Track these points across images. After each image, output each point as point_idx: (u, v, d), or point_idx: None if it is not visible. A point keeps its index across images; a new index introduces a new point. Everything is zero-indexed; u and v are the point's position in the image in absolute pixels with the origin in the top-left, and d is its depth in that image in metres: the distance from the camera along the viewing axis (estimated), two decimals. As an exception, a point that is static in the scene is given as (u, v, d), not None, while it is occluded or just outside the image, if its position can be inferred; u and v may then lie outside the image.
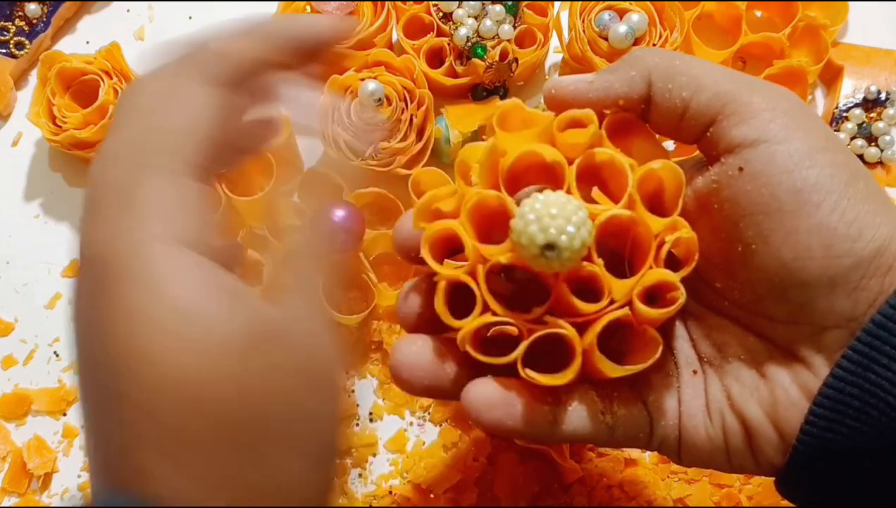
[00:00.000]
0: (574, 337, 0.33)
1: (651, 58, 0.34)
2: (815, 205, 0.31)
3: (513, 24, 0.55)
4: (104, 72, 0.55)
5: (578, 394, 0.34)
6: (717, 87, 0.33)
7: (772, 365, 0.33)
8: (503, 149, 0.34)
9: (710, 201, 0.33)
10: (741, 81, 0.33)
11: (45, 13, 0.59)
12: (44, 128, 0.54)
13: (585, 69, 0.56)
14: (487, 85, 0.56)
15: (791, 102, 0.33)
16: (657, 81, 0.33)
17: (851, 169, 0.32)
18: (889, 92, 0.57)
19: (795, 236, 0.31)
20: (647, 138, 0.35)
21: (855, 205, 0.31)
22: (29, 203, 0.57)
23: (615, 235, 0.34)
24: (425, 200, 0.34)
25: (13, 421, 0.53)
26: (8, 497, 0.51)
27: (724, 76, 0.33)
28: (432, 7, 0.56)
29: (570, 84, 0.34)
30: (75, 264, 0.55)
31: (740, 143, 0.32)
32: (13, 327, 0.54)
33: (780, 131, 0.32)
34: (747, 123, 0.32)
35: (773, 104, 0.32)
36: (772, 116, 0.32)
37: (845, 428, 0.31)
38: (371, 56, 0.55)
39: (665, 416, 0.35)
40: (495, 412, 0.33)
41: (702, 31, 0.58)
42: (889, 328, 0.30)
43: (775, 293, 0.32)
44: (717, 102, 0.33)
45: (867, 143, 0.56)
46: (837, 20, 0.59)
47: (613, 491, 0.52)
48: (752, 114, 0.32)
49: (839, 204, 0.31)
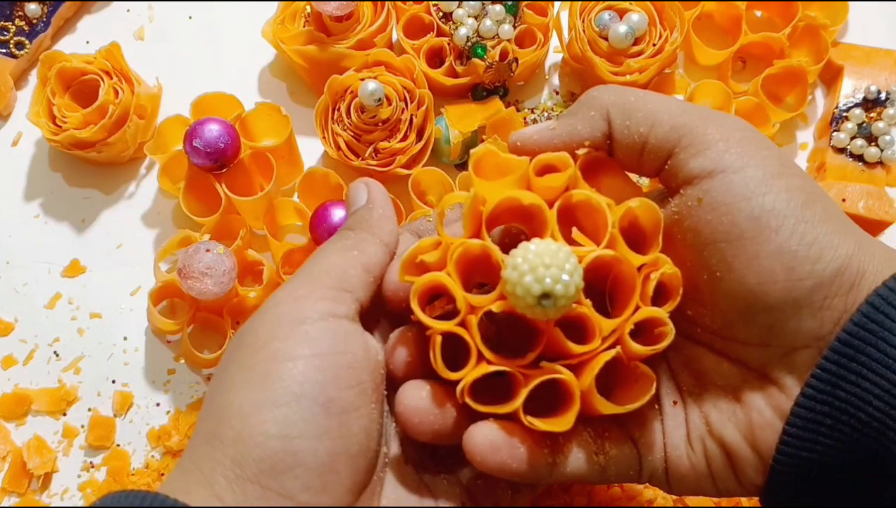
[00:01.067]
0: (573, 382, 0.34)
1: (607, 96, 0.35)
2: (773, 230, 0.31)
3: (513, 23, 0.55)
4: (104, 72, 0.55)
5: (575, 437, 0.35)
6: (673, 120, 0.33)
7: (747, 389, 0.34)
8: (483, 198, 0.34)
9: (674, 231, 0.34)
10: (696, 113, 0.34)
11: (45, 13, 0.59)
12: (44, 128, 0.54)
13: (585, 69, 0.56)
14: (487, 85, 0.56)
15: (745, 131, 0.34)
16: (615, 119, 0.34)
17: (808, 192, 0.32)
18: (889, 92, 0.57)
19: (758, 262, 0.32)
20: (618, 175, 0.36)
21: (813, 227, 0.31)
22: (29, 203, 0.57)
23: (594, 271, 0.34)
24: (409, 254, 0.35)
25: (13, 421, 0.53)
26: (8, 497, 0.51)
27: (680, 109, 0.34)
28: (432, 7, 0.56)
29: (534, 134, 0.35)
30: (75, 263, 0.55)
31: (698, 174, 0.33)
32: (13, 327, 0.54)
33: (735, 161, 0.32)
34: (703, 154, 0.33)
35: (728, 134, 0.33)
36: (726, 145, 0.33)
37: (819, 446, 0.31)
38: (371, 56, 0.55)
39: (652, 451, 0.35)
40: (499, 456, 0.33)
41: (702, 31, 0.58)
42: (855, 346, 0.30)
43: (744, 318, 0.33)
44: (673, 136, 0.33)
45: (867, 143, 0.56)
46: (837, 20, 0.59)
47: (613, 491, 0.52)
48: (708, 145, 0.33)
49: (797, 228, 0.31)
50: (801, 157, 0.59)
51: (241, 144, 0.53)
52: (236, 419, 0.31)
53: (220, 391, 0.33)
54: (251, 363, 0.32)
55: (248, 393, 0.31)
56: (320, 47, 0.55)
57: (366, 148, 0.53)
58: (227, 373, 0.33)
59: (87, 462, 0.52)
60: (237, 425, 0.31)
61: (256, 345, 0.33)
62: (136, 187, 0.57)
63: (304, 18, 0.57)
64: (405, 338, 0.36)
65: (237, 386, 0.32)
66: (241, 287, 0.52)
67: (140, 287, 0.55)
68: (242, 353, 0.33)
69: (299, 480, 0.30)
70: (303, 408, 0.31)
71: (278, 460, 0.30)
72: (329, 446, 0.31)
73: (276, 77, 0.60)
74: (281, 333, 0.32)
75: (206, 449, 0.32)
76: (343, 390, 0.32)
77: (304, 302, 0.33)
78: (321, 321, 0.33)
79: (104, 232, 0.56)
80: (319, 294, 0.34)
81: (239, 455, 0.31)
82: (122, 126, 0.54)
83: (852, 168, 0.56)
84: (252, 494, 0.30)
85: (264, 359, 0.32)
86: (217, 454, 0.31)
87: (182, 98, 0.56)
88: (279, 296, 0.34)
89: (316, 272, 0.35)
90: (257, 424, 0.31)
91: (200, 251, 0.49)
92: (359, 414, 0.32)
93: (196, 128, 0.52)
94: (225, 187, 0.52)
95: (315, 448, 0.31)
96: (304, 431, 0.31)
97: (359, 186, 0.38)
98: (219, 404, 0.32)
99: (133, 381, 0.53)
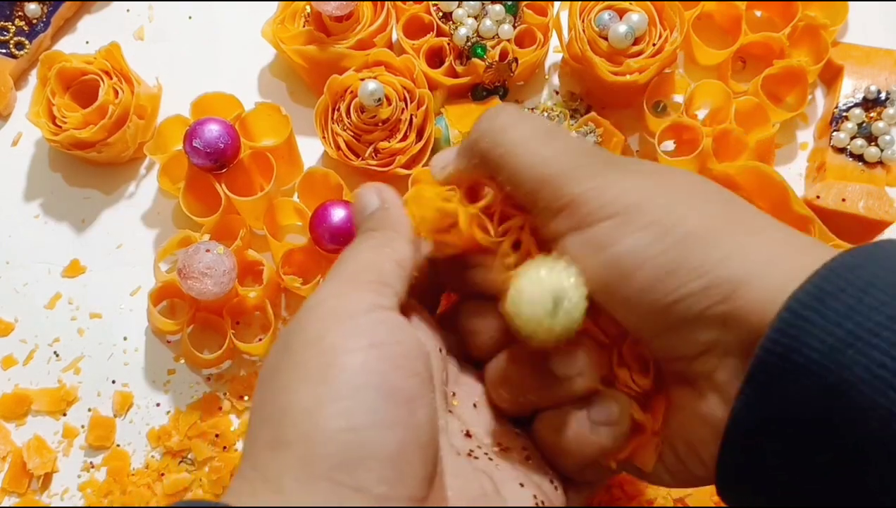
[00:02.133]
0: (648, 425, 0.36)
1: (482, 143, 0.35)
2: (633, 274, 0.32)
3: (513, 23, 0.55)
4: (104, 72, 0.55)
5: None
6: (533, 180, 0.34)
7: (686, 399, 0.34)
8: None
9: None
10: (556, 168, 0.34)
11: (44, 13, 0.59)
12: (44, 128, 0.54)
13: (585, 69, 0.56)
14: (487, 85, 0.56)
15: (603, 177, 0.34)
16: (490, 171, 0.35)
17: (667, 225, 0.32)
18: (889, 92, 0.57)
19: (628, 305, 0.33)
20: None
21: (677, 258, 0.32)
22: (29, 203, 0.57)
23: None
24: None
25: (13, 421, 0.53)
26: (8, 497, 0.51)
27: (543, 163, 0.34)
28: (432, 7, 0.56)
29: (437, 172, 0.38)
30: (75, 263, 0.55)
31: (555, 236, 0.34)
32: (13, 327, 0.54)
33: (585, 218, 0.33)
34: (557, 218, 0.34)
35: (582, 189, 0.33)
36: (578, 204, 0.33)
37: (759, 457, 0.31)
38: (371, 56, 0.55)
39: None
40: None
41: (702, 30, 0.58)
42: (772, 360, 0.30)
43: (649, 341, 0.34)
44: (531, 198, 0.34)
45: (867, 143, 0.56)
46: (837, 20, 0.59)
47: (613, 491, 0.52)
48: (561, 208, 0.33)
49: (659, 265, 0.32)
50: (801, 157, 0.59)
51: (240, 144, 0.53)
52: (300, 418, 0.30)
53: (276, 394, 0.32)
54: (306, 360, 0.31)
55: (309, 390, 0.31)
56: (320, 47, 0.55)
57: (366, 148, 0.53)
58: (279, 375, 0.32)
59: (87, 462, 0.52)
60: (301, 423, 0.30)
61: (308, 342, 0.32)
62: (136, 187, 0.57)
63: (303, 18, 0.57)
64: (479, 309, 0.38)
65: (294, 385, 0.31)
66: (241, 287, 0.52)
67: (140, 287, 0.55)
68: (294, 352, 0.32)
69: (373, 472, 0.30)
70: (368, 399, 0.30)
71: (350, 453, 0.30)
72: (399, 435, 0.30)
73: (275, 77, 0.60)
74: (333, 327, 0.32)
75: (268, 455, 0.30)
76: (405, 378, 0.32)
77: (350, 296, 0.33)
78: (371, 313, 0.33)
79: (104, 232, 0.56)
80: (364, 288, 0.33)
81: (307, 454, 0.30)
82: (122, 126, 0.54)
83: (852, 168, 0.56)
84: (325, 492, 0.29)
85: (320, 354, 0.31)
86: (282, 456, 0.30)
87: (182, 98, 0.56)
88: (321, 295, 0.34)
89: (353, 270, 0.35)
90: (323, 419, 0.30)
91: (200, 251, 0.49)
92: (422, 403, 0.32)
93: (196, 128, 0.52)
94: (225, 187, 0.52)
95: (385, 438, 0.30)
96: (372, 422, 0.30)
97: (369, 191, 0.38)
98: (277, 406, 0.31)
99: (133, 381, 0.53)
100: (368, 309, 0.33)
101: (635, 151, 0.58)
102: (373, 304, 0.33)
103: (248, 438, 0.32)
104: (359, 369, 0.31)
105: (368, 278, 0.34)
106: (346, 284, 0.34)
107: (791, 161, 0.59)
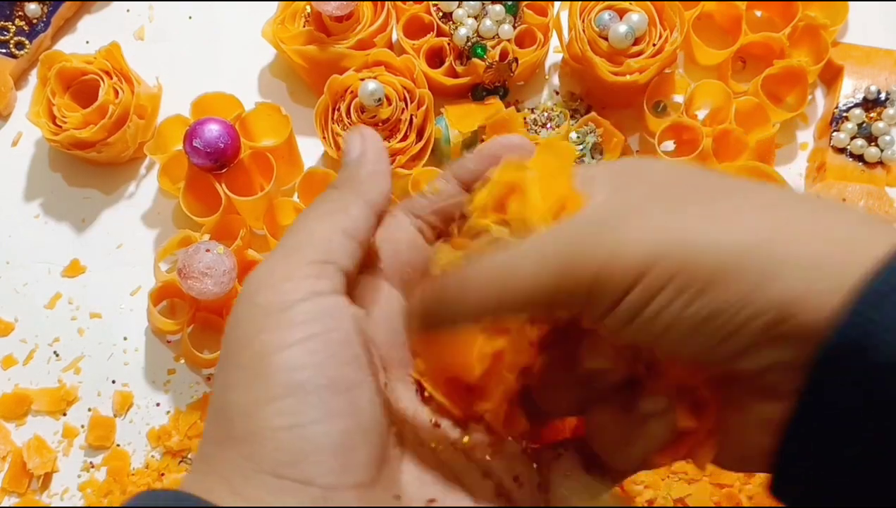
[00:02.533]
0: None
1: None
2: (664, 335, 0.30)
3: (513, 23, 0.55)
4: (104, 72, 0.55)
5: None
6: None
7: (739, 398, 0.32)
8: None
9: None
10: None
11: (45, 13, 0.59)
12: (44, 128, 0.54)
13: (585, 69, 0.56)
14: (487, 85, 0.56)
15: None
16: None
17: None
18: (889, 92, 0.57)
19: (678, 357, 0.31)
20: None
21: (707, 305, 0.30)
22: (29, 203, 0.57)
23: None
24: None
25: (13, 421, 0.53)
26: (8, 497, 0.51)
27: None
28: (432, 7, 0.56)
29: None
30: (75, 263, 0.55)
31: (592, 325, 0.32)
32: (13, 327, 0.54)
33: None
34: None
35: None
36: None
37: (819, 458, 0.30)
38: (371, 56, 0.55)
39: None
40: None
41: (702, 30, 0.58)
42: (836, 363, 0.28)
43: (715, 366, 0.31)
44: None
45: (867, 143, 0.56)
46: (837, 20, 0.59)
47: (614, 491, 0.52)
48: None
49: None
50: (801, 157, 0.59)
51: (240, 144, 0.53)
52: (240, 419, 0.31)
53: (221, 392, 0.32)
54: (241, 361, 0.31)
55: (247, 392, 0.31)
56: (320, 47, 0.55)
57: (366, 148, 0.53)
58: (223, 373, 0.32)
59: (87, 462, 0.52)
60: (243, 424, 0.30)
61: (243, 341, 0.32)
62: (136, 187, 0.57)
63: (304, 18, 0.57)
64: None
65: (233, 386, 0.31)
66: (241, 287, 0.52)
67: (140, 287, 0.55)
68: (232, 351, 0.32)
69: (318, 465, 0.30)
70: (307, 394, 0.30)
71: (293, 450, 0.30)
72: (341, 426, 0.30)
73: (276, 77, 0.60)
74: (267, 324, 0.31)
75: (217, 451, 0.31)
76: (343, 366, 0.31)
77: (285, 285, 0.32)
78: (306, 303, 0.31)
79: (104, 232, 0.56)
80: (301, 273, 0.32)
81: (252, 452, 0.30)
82: (122, 126, 0.54)
83: (852, 168, 0.56)
84: (270, 486, 0.30)
85: (255, 355, 0.31)
86: (229, 453, 0.30)
87: (182, 98, 0.56)
88: (257, 279, 0.33)
89: (294, 244, 0.33)
90: (262, 420, 0.30)
91: (200, 251, 0.49)
92: (362, 389, 0.32)
93: (196, 128, 0.52)
94: (225, 187, 0.52)
95: (328, 430, 0.30)
96: (312, 417, 0.30)
97: (353, 137, 0.36)
98: (221, 405, 0.32)
99: (133, 381, 0.53)
100: (304, 298, 0.31)
101: (635, 151, 0.58)
102: (308, 292, 0.32)
103: (204, 431, 0.32)
104: (295, 365, 0.30)
105: (310, 257, 0.32)
106: (283, 265, 0.32)
107: (791, 161, 0.59)
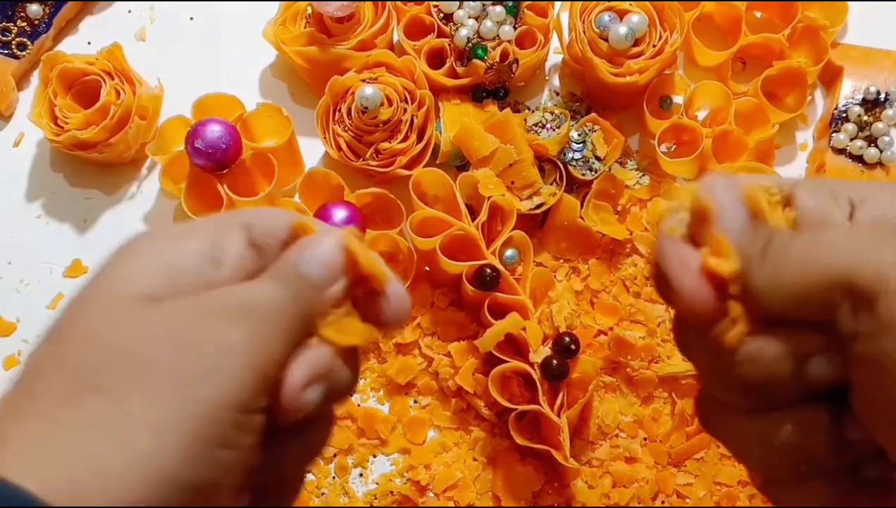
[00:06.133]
0: None
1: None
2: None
3: (513, 24, 0.56)
4: (106, 72, 0.55)
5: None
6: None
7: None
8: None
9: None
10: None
11: (46, 14, 0.59)
12: (45, 128, 0.54)
13: (586, 70, 0.56)
14: (488, 86, 0.56)
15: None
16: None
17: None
18: (889, 92, 0.58)
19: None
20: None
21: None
22: (31, 203, 0.57)
23: None
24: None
25: (15, 421, 0.53)
26: (10, 497, 0.51)
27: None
28: (433, 8, 0.56)
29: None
30: (77, 263, 0.56)
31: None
32: (15, 327, 0.55)
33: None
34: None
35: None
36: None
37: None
38: (372, 57, 0.55)
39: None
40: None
41: (701, 31, 0.58)
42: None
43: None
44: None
45: (867, 143, 0.57)
46: (837, 21, 0.59)
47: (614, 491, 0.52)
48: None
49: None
50: (800, 158, 0.59)
51: (242, 144, 0.53)
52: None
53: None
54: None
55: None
56: (321, 48, 0.55)
57: (367, 149, 0.54)
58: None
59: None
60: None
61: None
62: (137, 188, 0.58)
63: (304, 19, 0.57)
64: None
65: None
66: (243, 287, 0.52)
67: (141, 287, 0.55)
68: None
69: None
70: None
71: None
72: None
73: (277, 78, 0.60)
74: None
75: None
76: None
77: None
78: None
79: (106, 232, 0.57)
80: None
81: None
82: (124, 127, 0.54)
83: (852, 169, 0.56)
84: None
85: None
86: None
87: (183, 99, 0.56)
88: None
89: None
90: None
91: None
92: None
93: (197, 129, 0.52)
94: (226, 188, 0.53)
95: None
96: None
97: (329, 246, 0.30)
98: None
99: (135, 381, 0.53)
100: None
101: (635, 152, 0.58)
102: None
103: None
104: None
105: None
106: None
107: (790, 162, 0.59)
